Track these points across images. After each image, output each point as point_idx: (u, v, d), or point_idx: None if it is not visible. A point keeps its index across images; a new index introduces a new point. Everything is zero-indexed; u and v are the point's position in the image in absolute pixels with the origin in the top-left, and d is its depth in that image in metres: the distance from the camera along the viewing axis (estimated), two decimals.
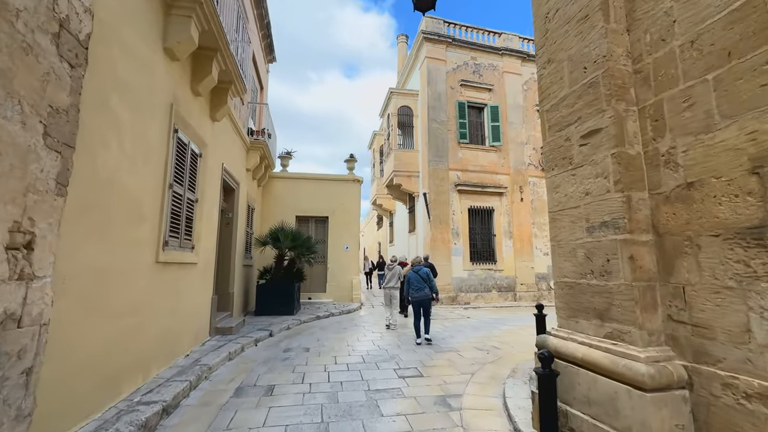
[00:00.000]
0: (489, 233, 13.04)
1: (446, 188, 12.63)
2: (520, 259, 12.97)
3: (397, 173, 13.66)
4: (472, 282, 12.46)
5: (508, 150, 13.64)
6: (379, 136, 18.84)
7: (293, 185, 11.57)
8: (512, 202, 13.29)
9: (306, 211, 11.55)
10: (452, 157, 12.98)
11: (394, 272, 7.81)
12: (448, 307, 11.43)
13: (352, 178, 11.89)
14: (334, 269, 11.35)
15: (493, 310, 11.25)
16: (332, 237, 11.52)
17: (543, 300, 12.98)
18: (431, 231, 12.22)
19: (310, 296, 11.09)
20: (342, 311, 9.66)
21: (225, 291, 7.26)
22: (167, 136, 4.15)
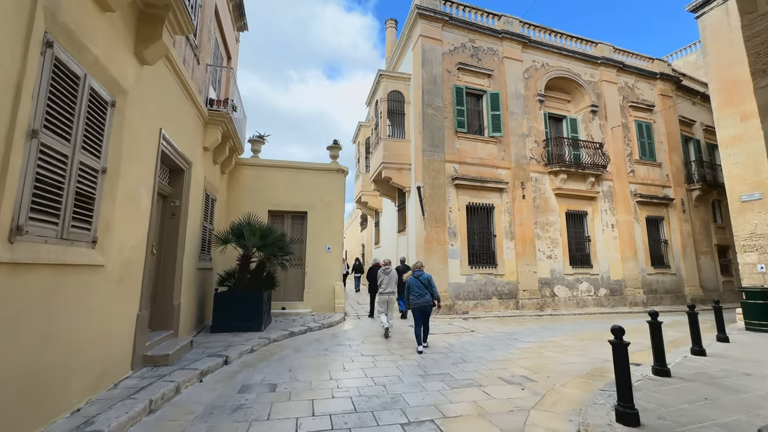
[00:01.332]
0: (488, 233, 11.68)
1: (442, 182, 11.18)
2: (522, 262, 11.66)
3: (386, 165, 12.12)
4: (471, 288, 11.02)
5: (509, 142, 12.37)
6: (364, 128, 17.28)
7: (266, 174, 9.81)
8: (514, 199, 12.00)
9: (281, 206, 9.80)
10: (449, 148, 11.56)
11: (392, 277, 7.27)
12: (444, 317, 9.93)
13: (335, 168, 10.25)
14: (314, 274, 9.64)
15: (496, 320, 9.83)
16: (311, 236, 9.82)
17: (547, 308, 11.71)
18: (425, 230, 10.72)
19: (284, 306, 9.33)
20: (322, 324, 7.96)
21: (165, 303, 5.46)
22: (26, 45, 2.43)
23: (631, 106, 14.83)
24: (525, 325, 9.14)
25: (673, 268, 14.24)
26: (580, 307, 12.24)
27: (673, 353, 5.62)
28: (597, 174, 13.11)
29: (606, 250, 13.13)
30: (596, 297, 12.58)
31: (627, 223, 13.58)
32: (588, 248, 12.96)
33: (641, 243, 13.81)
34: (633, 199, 13.97)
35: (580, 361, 5.49)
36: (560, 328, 8.61)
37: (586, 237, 13.02)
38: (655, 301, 13.39)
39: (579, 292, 12.40)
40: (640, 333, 8.02)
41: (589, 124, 13.89)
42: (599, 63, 14.36)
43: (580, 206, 13.08)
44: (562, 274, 12.29)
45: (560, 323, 9.56)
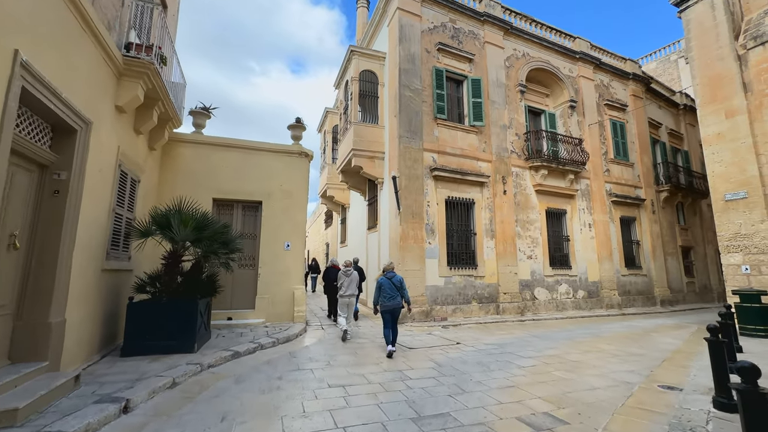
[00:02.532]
0: (468, 231, 10.64)
1: (420, 172, 9.97)
2: (502, 263, 10.74)
3: (356, 152, 10.70)
4: (450, 292, 9.90)
5: (490, 133, 11.44)
6: (332, 115, 15.73)
7: (210, 155, 8.02)
8: (494, 194, 11.07)
9: (229, 193, 8.06)
10: (428, 136, 10.39)
11: (353, 279, 7.13)
12: (422, 324, 8.70)
13: (297, 150, 8.67)
14: (269, 276, 8.00)
15: (478, 328, 8.76)
16: (267, 230, 8.17)
17: (527, 312, 10.88)
18: (401, 226, 9.44)
19: (230, 316, 7.60)
20: (277, 340, 6.39)
21: (36, 321, 3.69)
22: None
23: (606, 105, 14.58)
24: (511, 332, 8.13)
25: (645, 269, 14.12)
26: (559, 311, 11.57)
27: (703, 372, 4.73)
28: (576, 171, 12.57)
29: (584, 250, 12.63)
30: (575, 299, 12.00)
31: (603, 222, 13.21)
32: (567, 248, 12.38)
33: (616, 243, 13.51)
34: (608, 198, 13.66)
35: (604, 384, 4.44)
36: (551, 336, 7.68)
37: (564, 236, 12.43)
38: (628, 303, 13.11)
39: (558, 295, 11.73)
40: (632, 341, 7.29)
41: (567, 119, 13.38)
42: (578, 58, 13.93)
43: (560, 204, 12.47)
44: (543, 276, 11.56)
45: (546, 329, 8.68)
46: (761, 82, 8.91)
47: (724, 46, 9.58)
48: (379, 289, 5.94)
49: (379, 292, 5.92)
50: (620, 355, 5.99)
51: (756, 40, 9.07)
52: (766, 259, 8.50)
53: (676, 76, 22.00)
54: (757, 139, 8.86)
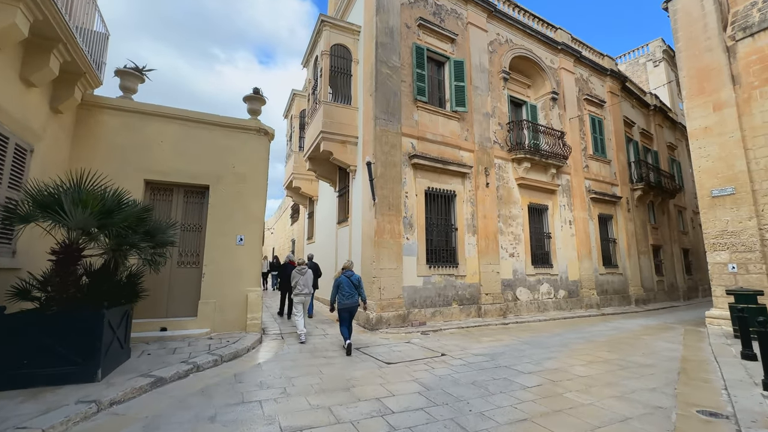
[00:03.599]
0: (449, 226, 9.70)
1: (398, 159, 8.89)
2: (484, 261, 9.90)
3: (326, 136, 9.42)
4: (429, 293, 8.90)
5: (473, 120, 10.57)
6: (299, 98, 14.29)
7: (142, 126, 6.47)
8: (477, 187, 10.21)
9: (167, 174, 6.55)
10: (407, 119, 9.32)
11: (308, 277, 6.96)
12: (398, 331, 7.62)
13: (255, 127, 7.28)
14: (216, 276, 6.58)
15: (461, 333, 7.81)
16: (215, 221, 6.74)
17: (509, 314, 10.12)
18: (376, 219, 8.30)
19: (164, 326, 6.12)
20: (220, 357, 5.05)
21: None
22: None
23: (585, 100, 14.23)
24: (498, 339, 7.24)
25: (620, 267, 13.92)
26: (541, 311, 10.93)
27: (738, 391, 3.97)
28: (558, 165, 12.02)
29: (564, 248, 12.11)
30: (556, 299, 11.43)
31: (583, 220, 12.79)
32: (548, 246, 11.79)
33: (595, 242, 13.16)
34: (587, 195, 13.28)
35: (634, 412, 3.54)
36: (543, 343, 6.87)
37: (546, 234, 11.84)
38: (606, 302, 12.78)
39: (540, 295, 11.10)
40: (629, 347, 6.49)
41: (549, 112, 12.83)
42: (559, 49, 13.43)
43: (542, 199, 11.87)
44: (525, 275, 10.87)
45: (534, 334, 7.89)
46: (750, 74, 8.62)
47: (712, 37, 9.25)
48: (337, 288, 5.93)
49: (338, 290, 5.92)
50: (629, 367, 5.20)
51: (745, 31, 8.77)
52: (754, 258, 8.19)
53: (644, 78, 22.46)
54: (746, 133, 8.55)
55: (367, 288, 8.22)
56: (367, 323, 7.97)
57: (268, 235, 32.74)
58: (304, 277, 6.89)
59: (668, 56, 22.09)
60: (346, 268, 6.15)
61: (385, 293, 8.10)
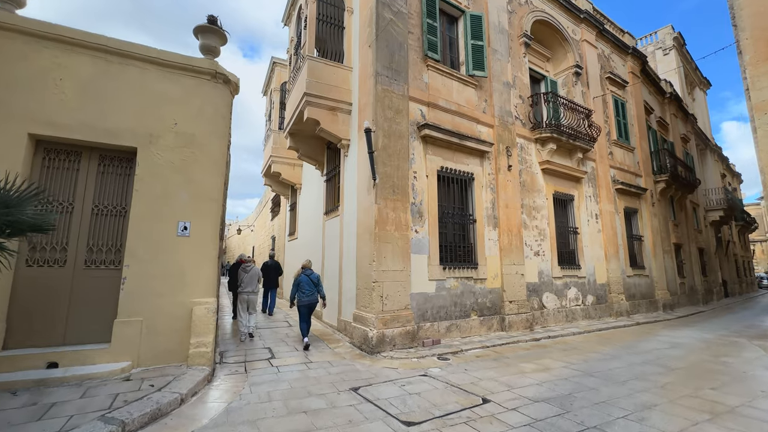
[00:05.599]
0: (465, 217, 7.76)
1: (404, 128, 6.89)
2: (507, 261, 8.01)
3: (311, 100, 7.33)
4: (443, 302, 6.94)
5: (492, 90, 8.68)
6: (280, 68, 12.12)
7: (33, 54, 4.26)
8: (497, 169, 8.31)
9: (70, 129, 4.35)
10: (414, 79, 7.34)
11: (253, 275, 6.94)
12: (407, 353, 5.61)
13: (210, 69, 5.14)
14: (144, 282, 4.42)
15: (491, 356, 5.86)
16: (144, 200, 4.58)
17: (536, 325, 8.26)
18: (377, 205, 6.28)
19: (54, 361, 3.93)
20: (122, 426, 2.94)
21: None
22: None
23: (608, 78, 12.56)
24: (545, 367, 5.33)
25: (647, 268, 12.30)
26: (569, 321, 9.13)
27: None
28: (586, 149, 10.26)
29: (591, 246, 10.36)
30: (584, 306, 9.65)
31: (609, 213, 11.08)
32: (574, 243, 10.01)
33: (621, 239, 11.48)
34: (613, 185, 11.59)
35: None
36: (610, 374, 4.99)
37: (571, 229, 10.06)
38: (634, 308, 11.11)
39: (567, 301, 9.30)
40: (734, 379, 4.72)
41: (572, 89, 11.07)
42: (582, 18, 11.71)
43: (567, 188, 10.08)
44: (551, 278, 9.04)
45: (581, 356, 6.02)
46: None
47: None
48: (297, 286, 6.23)
49: (297, 288, 6.22)
50: None
51: None
52: None
53: (653, 68, 21.13)
54: None
55: (366, 296, 6.19)
56: (364, 343, 5.94)
57: (248, 233, 30.26)
58: (248, 275, 6.86)
59: (678, 44, 20.84)
60: (305, 267, 6.41)
61: (389, 303, 6.08)
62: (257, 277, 7.05)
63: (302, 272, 6.32)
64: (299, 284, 6.20)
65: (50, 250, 4.25)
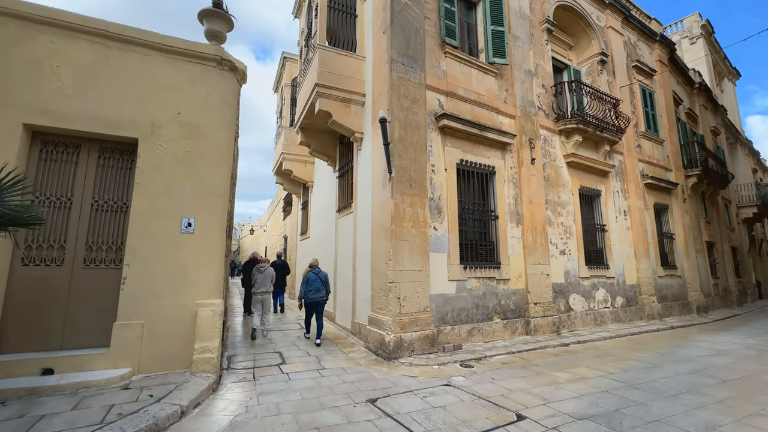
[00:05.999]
0: (486, 213, 7.29)
1: (421, 119, 6.47)
2: (532, 260, 7.50)
3: (323, 91, 6.98)
4: (464, 304, 6.49)
5: (513, 78, 8.17)
6: (291, 63, 11.84)
7: (27, 40, 4.02)
8: (520, 163, 7.80)
9: (68, 119, 4.09)
10: (432, 67, 6.91)
11: (267, 275, 7.01)
12: (427, 359, 5.19)
13: (215, 55, 4.82)
14: (145, 282, 4.12)
15: (518, 364, 5.38)
16: (145, 195, 4.28)
17: (563, 329, 7.72)
18: (393, 200, 5.87)
19: (49, 367, 3.66)
20: None
21: None
22: None
23: (635, 67, 11.85)
24: (580, 376, 4.83)
25: (679, 269, 11.54)
26: (598, 324, 8.54)
27: None
28: (614, 141, 9.64)
29: (620, 244, 9.73)
30: (614, 309, 9.04)
31: (639, 210, 10.41)
32: (602, 241, 9.40)
33: (651, 237, 10.78)
34: (642, 180, 10.90)
35: None
36: (654, 385, 4.47)
37: (599, 226, 9.44)
38: (666, 311, 10.40)
39: (596, 303, 8.71)
40: None
41: (597, 78, 10.44)
42: (606, 4, 11.05)
43: (593, 183, 9.48)
44: (578, 278, 8.47)
45: (617, 363, 5.49)
46: None
47: None
48: (306, 283, 6.33)
49: (307, 285, 6.32)
50: None
51: None
52: None
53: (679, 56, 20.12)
54: None
55: (382, 298, 5.80)
56: (381, 348, 5.54)
57: (261, 233, 30.25)
58: (262, 275, 6.93)
59: (706, 32, 19.79)
60: (313, 266, 6.59)
61: (407, 305, 5.67)
62: (271, 277, 7.09)
63: (310, 270, 6.51)
64: (307, 282, 6.36)
65: (47, 248, 3.99)
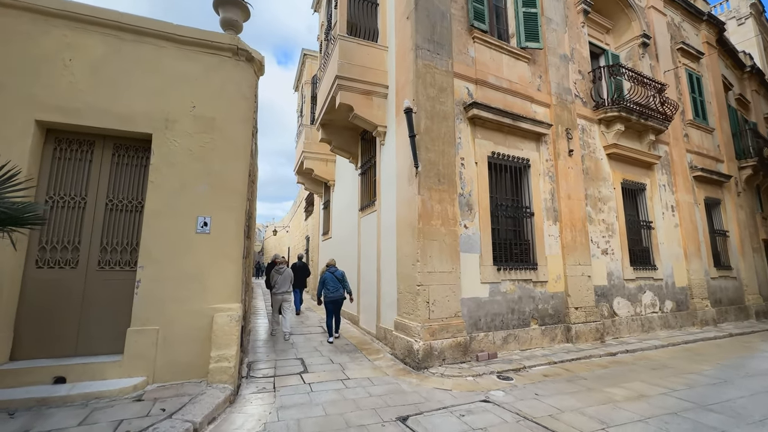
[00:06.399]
0: (520, 210, 6.73)
1: (449, 109, 6.00)
2: (571, 260, 6.87)
3: (344, 83, 6.64)
4: (498, 308, 5.97)
5: (548, 64, 7.55)
6: (311, 60, 11.62)
7: (35, 33, 3.87)
8: (556, 155, 7.18)
9: (80, 115, 3.91)
10: (459, 53, 6.43)
11: (286, 276, 7.07)
12: (460, 369, 4.73)
13: (231, 45, 4.56)
14: (159, 285, 3.89)
15: (561, 375, 4.83)
16: (159, 194, 4.06)
17: (607, 335, 7.04)
18: (420, 196, 5.45)
19: (62, 375, 3.48)
20: None
21: None
22: None
23: (680, 50, 10.87)
24: (638, 393, 4.22)
25: (734, 269, 10.48)
26: (645, 331, 7.77)
27: None
28: (659, 129, 8.81)
29: (668, 243, 8.87)
30: (662, 314, 8.23)
31: (688, 205, 9.49)
32: (648, 240, 8.59)
33: (702, 235, 9.81)
34: (691, 173, 9.95)
35: None
36: (731, 406, 3.82)
37: (644, 223, 8.64)
38: (721, 316, 9.42)
39: (642, 308, 7.94)
40: None
41: (638, 62, 9.60)
42: None
43: (637, 176, 8.69)
44: (622, 280, 7.75)
45: (678, 375, 4.82)
46: None
47: None
48: (323, 283, 6.55)
49: (323, 285, 6.53)
50: None
51: None
52: None
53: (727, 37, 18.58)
54: None
55: (409, 302, 5.38)
56: (409, 356, 5.13)
57: (283, 234, 30.47)
58: (281, 276, 6.99)
59: (756, 11, 18.17)
60: (329, 265, 6.75)
61: (437, 310, 5.23)
62: (290, 278, 7.17)
63: (327, 270, 6.68)
64: (324, 281, 6.53)
65: (61, 250, 3.83)
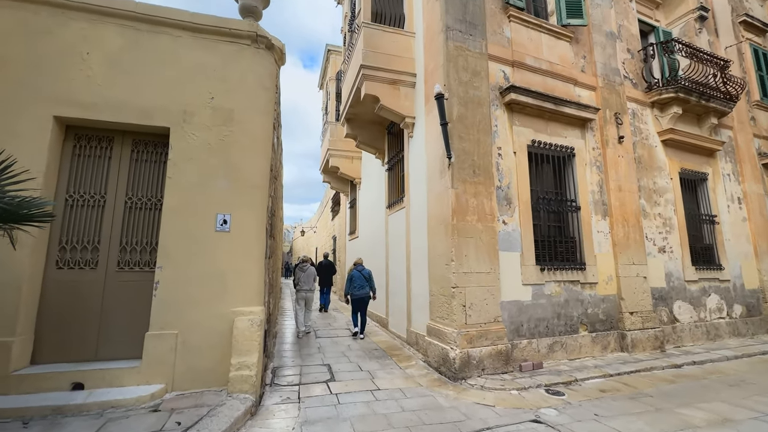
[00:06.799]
0: (564, 203, 6.08)
1: (484, 94, 5.49)
2: (623, 259, 6.14)
3: (369, 73, 6.27)
4: (542, 312, 5.38)
5: (592, 43, 6.84)
6: (335, 56, 11.37)
7: (54, 27, 3.77)
8: (604, 142, 6.47)
9: (98, 109, 3.77)
10: (493, 34, 5.90)
11: (309, 274, 7.28)
12: (502, 381, 4.22)
13: (250, 32, 4.30)
14: (178, 287, 3.67)
15: (623, 392, 4.20)
16: (177, 190, 3.85)
17: (668, 344, 6.24)
18: (453, 190, 4.98)
19: (80, 381, 3.32)
20: None
21: None
22: None
23: (742, 23, 9.68)
24: (712, 408, 3.55)
25: None
26: (710, 339, 6.87)
27: None
28: (722, 112, 7.82)
29: (735, 239, 7.86)
30: (731, 319, 7.27)
31: (758, 196, 8.39)
32: (711, 236, 7.63)
33: None
34: (759, 160, 8.81)
35: None
36: None
37: (707, 217, 7.69)
38: None
39: (707, 313, 7.03)
40: None
41: (694, 38, 8.59)
42: None
43: (697, 165, 7.75)
44: (683, 282, 6.89)
45: (765, 397, 4.06)
46: None
47: None
48: (350, 281, 6.83)
49: (350, 283, 6.81)
50: None
51: None
52: None
53: None
54: None
55: (443, 305, 4.93)
56: (444, 365, 4.68)
57: (311, 234, 30.67)
58: (305, 274, 7.17)
59: None
60: (357, 264, 6.99)
61: (474, 314, 4.74)
62: (313, 276, 7.36)
63: (354, 268, 6.94)
64: (351, 279, 6.81)
65: (81, 250, 3.70)
